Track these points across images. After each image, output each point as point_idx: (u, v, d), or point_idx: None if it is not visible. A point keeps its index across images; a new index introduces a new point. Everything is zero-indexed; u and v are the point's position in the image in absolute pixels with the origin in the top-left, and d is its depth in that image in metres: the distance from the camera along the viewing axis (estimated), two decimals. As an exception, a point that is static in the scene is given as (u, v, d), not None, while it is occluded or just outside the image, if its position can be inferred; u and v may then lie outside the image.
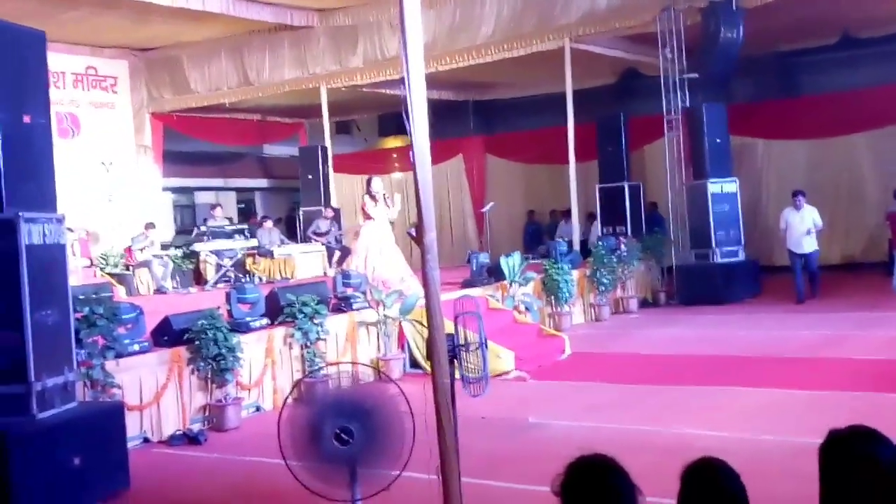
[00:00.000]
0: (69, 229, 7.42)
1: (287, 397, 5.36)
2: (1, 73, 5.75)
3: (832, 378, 8.38)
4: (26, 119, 5.93)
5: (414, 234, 4.59)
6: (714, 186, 14.75)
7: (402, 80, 4.42)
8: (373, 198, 11.55)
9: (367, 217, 11.42)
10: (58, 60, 15.66)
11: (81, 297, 7.26)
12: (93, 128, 18.31)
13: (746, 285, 14.76)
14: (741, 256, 14.77)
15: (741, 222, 15.05)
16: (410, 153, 4.40)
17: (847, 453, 2.38)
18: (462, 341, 4.66)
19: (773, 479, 4.98)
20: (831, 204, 16.75)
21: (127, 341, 7.71)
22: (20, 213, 5.76)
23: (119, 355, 7.44)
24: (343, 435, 3.86)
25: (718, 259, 14.63)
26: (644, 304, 14.92)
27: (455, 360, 4.52)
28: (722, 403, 7.82)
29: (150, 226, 15.99)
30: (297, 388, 5.89)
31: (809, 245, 13.46)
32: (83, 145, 18.05)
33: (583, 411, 7.88)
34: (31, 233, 5.84)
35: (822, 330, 9.70)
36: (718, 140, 14.90)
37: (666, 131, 15.40)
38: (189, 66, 18.70)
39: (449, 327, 4.53)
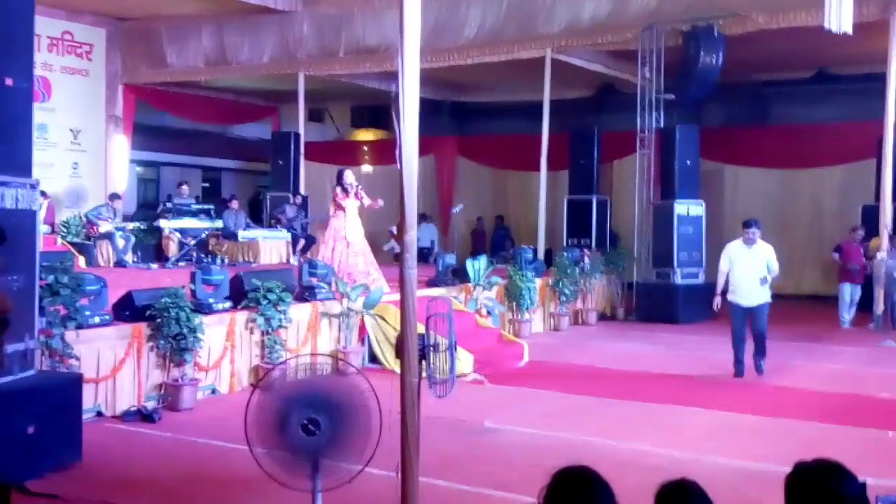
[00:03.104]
0: (43, 193, 7.34)
1: (256, 384, 5.36)
2: (-14, 33, 5.69)
3: (779, 406, 8.53)
4: (8, 82, 5.88)
5: (395, 232, 4.62)
6: (681, 207, 14.93)
7: (385, 75, 4.46)
8: (344, 190, 11.53)
9: (339, 208, 11.40)
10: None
11: (46, 264, 7.19)
12: (64, 93, 18.04)
13: (703, 308, 14.83)
14: (701, 279, 14.96)
15: (704, 245, 15.24)
16: (397, 151, 4.43)
17: (813, 487, 2.44)
18: (432, 342, 4.69)
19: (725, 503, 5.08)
20: (791, 234, 17.05)
21: (88, 313, 7.65)
22: (-6, 176, 5.70)
23: (80, 326, 7.38)
24: (310, 426, 3.87)
25: (679, 280, 14.81)
26: (602, 317, 15.08)
27: (423, 360, 4.55)
28: (674, 422, 7.93)
29: (114, 197, 15.83)
30: (265, 374, 5.89)
31: (760, 296, 9.77)
32: (53, 110, 17.78)
33: (538, 419, 7.95)
34: (4, 196, 5.79)
35: (771, 359, 9.91)
36: (689, 162, 15.09)
37: (638, 148, 15.57)
38: (167, 39, 18.50)
39: (420, 328, 4.57)
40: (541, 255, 15.41)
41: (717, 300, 10.00)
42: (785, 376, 9.93)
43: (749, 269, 9.71)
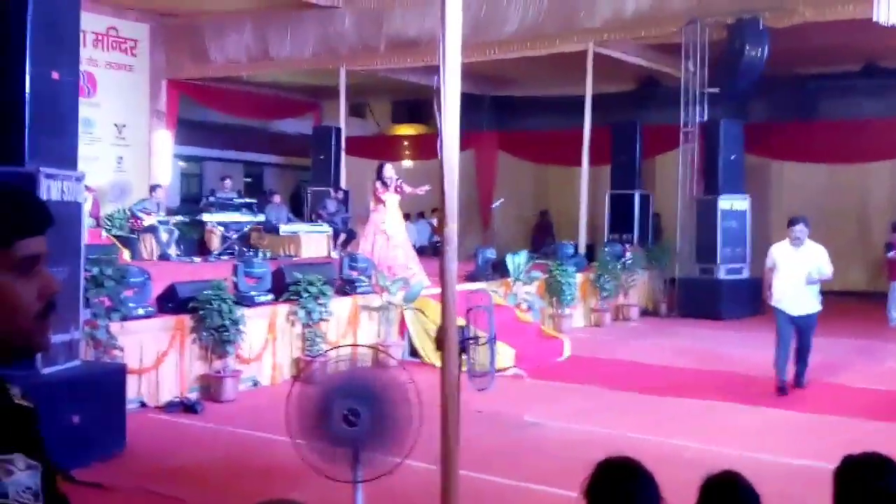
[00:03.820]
0: (87, 187, 7.44)
1: (297, 375, 5.39)
2: (34, 28, 5.77)
3: (826, 403, 8.40)
4: (55, 76, 5.96)
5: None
6: (724, 202, 14.77)
7: (426, 69, 4.44)
8: (384, 184, 11.54)
9: (379, 202, 11.42)
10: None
11: (91, 257, 7.28)
12: (109, 89, 18.25)
13: (748, 304, 14.76)
14: (745, 274, 14.77)
15: (748, 240, 15.05)
16: (438, 143, 4.41)
17: (862, 481, 2.39)
18: (472, 335, 4.68)
19: (772, 501, 5.00)
20: (837, 230, 16.77)
21: (132, 305, 7.74)
22: (41, 168, 5.78)
23: (124, 318, 7.47)
24: (351, 416, 3.87)
25: (722, 275, 14.65)
26: (644, 313, 14.95)
27: (463, 353, 4.54)
28: (717, 418, 7.85)
29: (155, 187, 16.02)
30: (306, 366, 5.91)
31: (809, 304, 8.75)
32: (98, 105, 18.01)
33: (578, 414, 7.91)
34: (51, 188, 5.87)
35: (818, 356, 9.70)
36: (733, 156, 14.92)
37: (681, 143, 15.42)
38: (210, 35, 18.64)
39: (460, 321, 4.55)
40: (582, 250, 15.32)
41: (769, 292, 8.89)
42: (832, 374, 9.75)
43: (796, 274, 8.59)
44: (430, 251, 16.57)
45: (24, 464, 1.37)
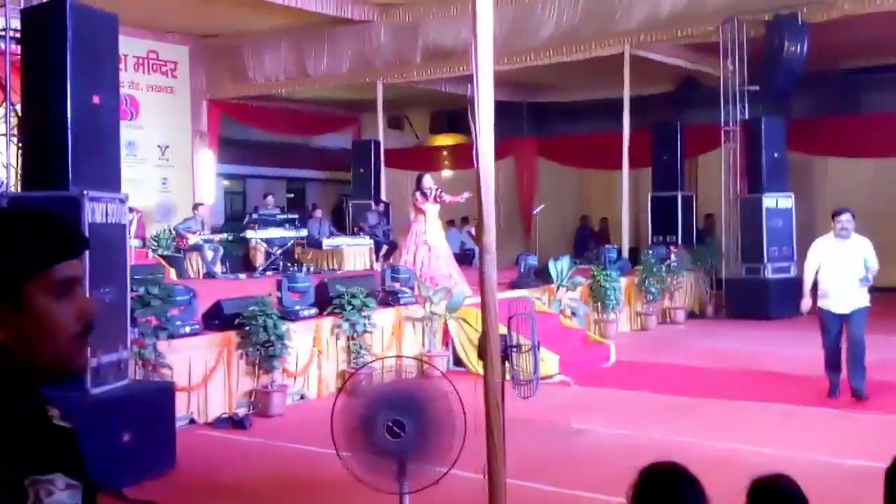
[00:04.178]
0: (130, 209, 7.54)
1: (341, 387, 5.41)
2: (74, 53, 5.88)
3: (881, 403, 8.21)
4: (96, 100, 6.06)
5: (474, 232, 4.60)
6: (769, 201, 14.59)
7: (462, 79, 4.45)
8: (424, 194, 11.57)
9: (419, 212, 11.44)
10: (120, 43, 15.80)
11: (137, 277, 7.39)
12: (151, 111, 18.55)
13: (796, 302, 14.47)
14: (792, 273, 14.55)
15: (794, 239, 14.83)
16: (474, 152, 4.41)
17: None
18: (514, 342, 4.66)
19: (826, 502, 4.90)
20: (886, 225, 16.43)
21: (179, 323, 7.82)
22: (85, 192, 5.88)
23: (171, 336, 7.55)
24: (395, 428, 3.87)
25: (769, 274, 14.47)
26: (691, 315, 14.80)
27: (506, 361, 4.52)
28: (768, 420, 7.73)
29: (197, 205, 16.23)
30: (349, 378, 5.93)
31: (857, 300, 8.18)
32: (142, 128, 18.31)
33: (626, 419, 7.84)
34: (95, 211, 5.96)
35: (874, 354, 9.43)
36: (776, 154, 14.74)
37: (723, 142, 15.27)
38: (248, 54, 18.87)
39: (501, 328, 4.54)
40: (625, 253, 15.20)
41: (807, 301, 8.54)
42: (886, 372, 9.53)
43: (843, 268, 8.13)
44: (461, 260, 16.55)
45: (64, 483, 1.39)
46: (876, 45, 16.00)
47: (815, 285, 8.50)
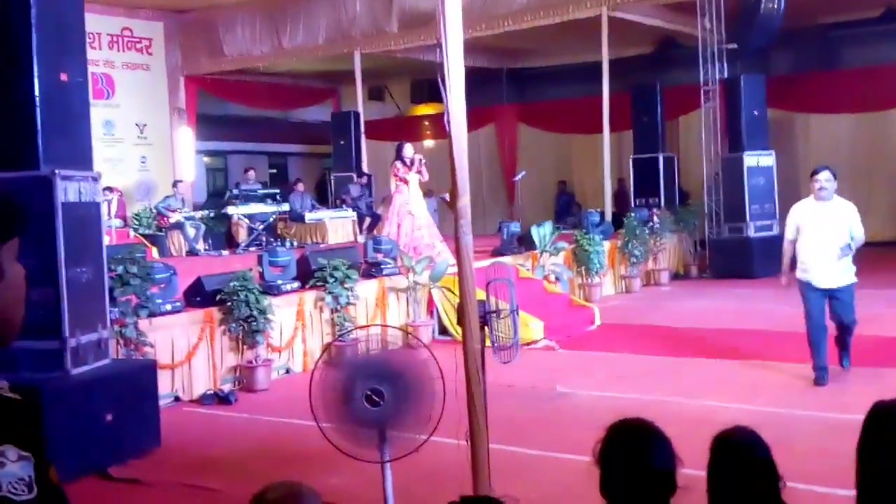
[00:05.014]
0: (108, 189, 7.48)
1: (318, 359, 5.39)
2: (40, 31, 5.78)
3: (865, 355, 8.24)
4: (63, 77, 5.96)
5: (447, 198, 4.57)
6: (750, 159, 14.58)
7: (437, 46, 4.39)
8: (405, 163, 11.51)
9: (402, 181, 11.39)
10: (94, 21, 15.68)
11: (117, 256, 7.33)
12: (127, 89, 18.38)
13: (779, 260, 14.55)
14: (775, 231, 14.58)
15: (776, 197, 14.85)
16: (445, 116, 4.37)
17: (892, 425, 2.33)
18: (493, 308, 4.64)
19: (804, 455, 4.94)
20: (868, 180, 16.49)
21: (160, 301, 7.78)
22: (56, 171, 5.81)
23: (152, 314, 7.52)
24: (374, 397, 3.86)
25: (752, 233, 14.49)
26: (675, 276, 14.84)
27: (486, 327, 4.51)
28: (752, 377, 7.76)
29: (177, 182, 16.14)
30: (328, 350, 5.91)
31: (842, 275, 7.26)
32: (118, 106, 18.14)
33: (611, 382, 7.87)
34: (67, 190, 5.89)
35: (861, 310, 9.41)
36: (756, 112, 14.71)
37: (703, 102, 15.22)
38: (223, 28, 18.68)
39: (480, 294, 4.52)
40: (608, 217, 15.20)
41: (785, 279, 7.69)
42: (873, 325, 9.56)
43: (825, 236, 7.15)
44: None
45: (16, 455, 1.38)
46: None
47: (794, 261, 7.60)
